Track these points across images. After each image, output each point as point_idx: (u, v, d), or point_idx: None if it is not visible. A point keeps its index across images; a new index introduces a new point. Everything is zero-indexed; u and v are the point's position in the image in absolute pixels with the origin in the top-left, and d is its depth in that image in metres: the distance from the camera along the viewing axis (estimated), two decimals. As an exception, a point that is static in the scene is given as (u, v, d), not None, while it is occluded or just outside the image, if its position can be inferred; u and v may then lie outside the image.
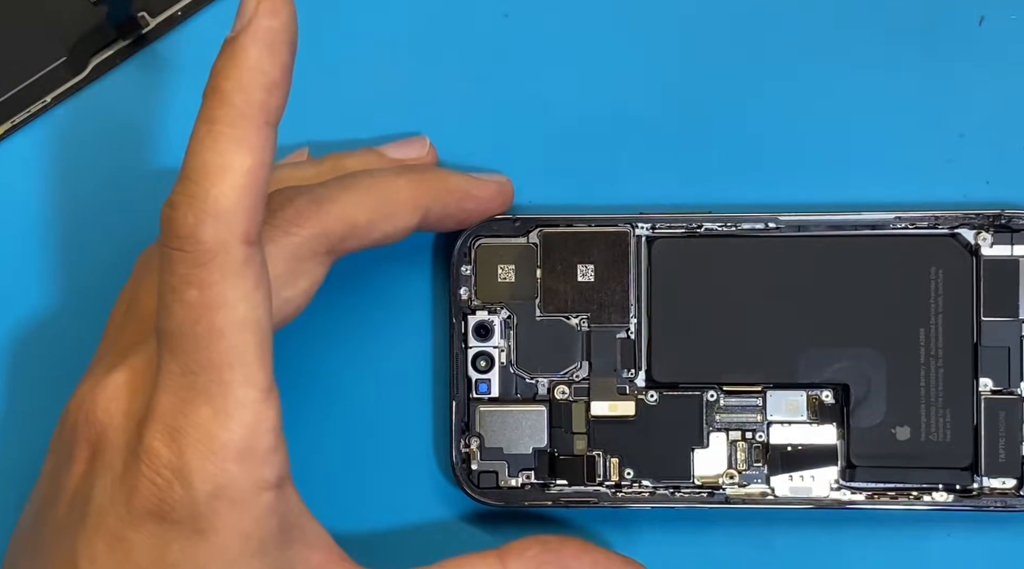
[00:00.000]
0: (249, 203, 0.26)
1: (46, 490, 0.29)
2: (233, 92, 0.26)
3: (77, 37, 0.35)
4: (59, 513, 0.28)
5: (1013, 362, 0.33)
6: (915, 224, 0.34)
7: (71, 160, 0.35)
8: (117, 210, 0.35)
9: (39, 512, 0.29)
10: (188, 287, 0.26)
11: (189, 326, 0.26)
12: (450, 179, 0.33)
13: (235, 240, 0.26)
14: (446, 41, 0.35)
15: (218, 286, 0.26)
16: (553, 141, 0.35)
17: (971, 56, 0.35)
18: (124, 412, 0.27)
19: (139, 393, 0.27)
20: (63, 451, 0.29)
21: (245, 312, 0.26)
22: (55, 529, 0.28)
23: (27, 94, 0.35)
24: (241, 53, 0.26)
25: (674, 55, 0.35)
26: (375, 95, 0.35)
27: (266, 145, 0.26)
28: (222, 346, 0.26)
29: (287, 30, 0.26)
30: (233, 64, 0.26)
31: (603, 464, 0.34)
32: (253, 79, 0.26)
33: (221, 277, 0.26)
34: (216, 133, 0.26)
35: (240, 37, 0.26)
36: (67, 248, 0.35)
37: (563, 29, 0.35)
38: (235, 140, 0.26)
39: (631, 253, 0.34)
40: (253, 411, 0.26)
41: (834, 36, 0.35)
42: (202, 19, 0.35)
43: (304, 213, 0.29)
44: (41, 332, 0.35)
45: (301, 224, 0.29)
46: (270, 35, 0.26)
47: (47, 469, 0.30)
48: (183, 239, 0.25)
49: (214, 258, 0.25)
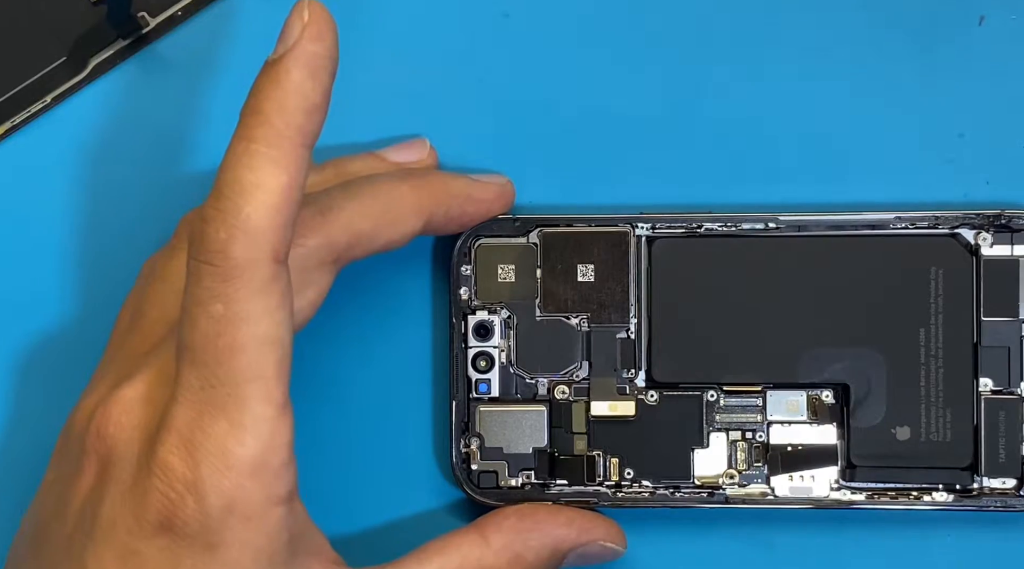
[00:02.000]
0: (280, 222, 0.26)
1: (50, 503, 0.29)
2: (273, 113, 0.26)
3: (77, 37, 0.35)
4: (67, 526, 0.28)
5: (1013, 362, 0.33)
6: (915, 224, 0.34)
7: (71, 160, 0.35)
8: (117, 210, 0.35)
9: (43, 525, 0.29)
10: (214, 301, 0.26)
11: (212, 339, 0.26)
12: (452, 183, 0.33)
13: (264, 258, 0.26)
14: (446, 41, 0.35)
15: (244, 302, 0.26)
16: (553, 141, 0.35)
17: (971, 56, 0.35)
18: (136, 426, 0.27)
19: (152, 406, 0.27)
20: (69, 463, 0.29)
21: (268, 329, 0.26)
22: (62, 543, 0.28)
23: (27, 94, 0.35)
24: (284, 76, 0.26)
25: (674, 55, 0.35)
26: (375, 95, 0.35)
27: (301, 167, 0.26)
28: (243, 361, 0.26)
29: (330, 55, 0.27)
30: (275, 86, 0.26)
31: (603, 464, 0.34)
32: (294, 102, 0.26)
33: (247, 294, 0.26)
34: (253, 151, 0.26)
35: (284, 60, 0.26)
36: (67, 248, 0.35)
37: (563, 29, 0.35)
38: (272, 160, 0.26)
39: (631, 253, 0.34)
40: (269, 426, 0.26)
41: (834, 36, 0.35)
42: (202, 19, 0.35)
43: (309, 224, 0.29)
44: (41, 332, 0.35)
45: (307, 235, 0.29)
46: (314, 60, 0.26)
47: (49, 481, 0.30)
48: (213, 253, 0.26)
49: (242, 274, 0.26)
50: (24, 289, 0.35)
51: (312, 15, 0.26)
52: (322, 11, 0.27)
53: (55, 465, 0.30)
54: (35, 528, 0.29)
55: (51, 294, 0.35)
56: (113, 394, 0.28)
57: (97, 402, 0.28)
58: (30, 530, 0.30)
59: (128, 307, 0.32)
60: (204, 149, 0.35)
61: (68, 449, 0.29)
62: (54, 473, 0.30)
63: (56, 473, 0.30)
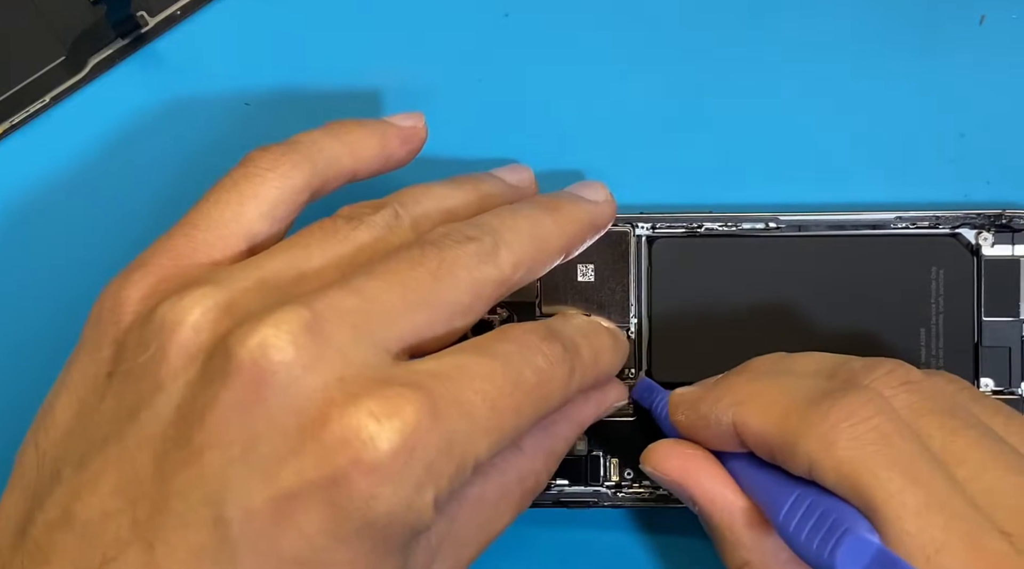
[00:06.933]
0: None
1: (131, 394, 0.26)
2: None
3: (76, 37, 0.35)
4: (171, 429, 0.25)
5: (1014, 362, 0.33)
6: (916, 224, 0.34)
7: (70, 160, 0.35)
8: (116, 210, 0.35)
9: (125, 413, 0.26)
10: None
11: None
12: (580, 213, 0.31)
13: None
14: (446, 41, 0.35)
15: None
16: (553, 141, 0.35)
17: (971, 56, 0.35)
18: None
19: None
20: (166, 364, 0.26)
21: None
22: (158, 446, 0.25)
23: (26, 94, 0.35)
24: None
25: (674, 55, 0.35)
26: (375, 95, 0.35)
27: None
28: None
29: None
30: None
31: (603, 464, 0.34)
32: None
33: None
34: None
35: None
36: (66, 248, 0.35)
37: (563, 29, 0.35)
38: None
39: (631, 253, 0.34)
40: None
41: (834, 36, 0.35)
42: (201, 19, 0.35)
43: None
44: (40, 332, 0.35)
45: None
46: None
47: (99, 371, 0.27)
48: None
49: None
50: (23, 289, 0.35)
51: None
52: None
53: (116, 357, 0.27)
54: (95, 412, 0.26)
55: (50, 294, 0.35)
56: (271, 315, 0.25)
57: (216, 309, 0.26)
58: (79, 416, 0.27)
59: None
60: (204, 149, 0.35)
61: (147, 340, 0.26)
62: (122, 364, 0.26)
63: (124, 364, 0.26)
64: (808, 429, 0.27)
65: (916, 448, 0.26)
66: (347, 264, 0.27)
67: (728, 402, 0.29)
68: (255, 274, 0.27)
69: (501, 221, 0.29)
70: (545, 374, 0.27)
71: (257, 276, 0.27)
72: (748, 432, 0.28)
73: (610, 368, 0.31)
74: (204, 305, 0.26)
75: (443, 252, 0.27)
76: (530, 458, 0.30)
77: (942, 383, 0.29)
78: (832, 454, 0.26)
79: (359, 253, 0.28)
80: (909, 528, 0.25)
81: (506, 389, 0.26)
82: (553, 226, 0.30)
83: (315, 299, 0.25)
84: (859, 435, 0.26)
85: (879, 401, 0.27)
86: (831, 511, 0.26)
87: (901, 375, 0.28)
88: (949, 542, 0.25)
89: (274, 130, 0.34)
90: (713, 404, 0.29)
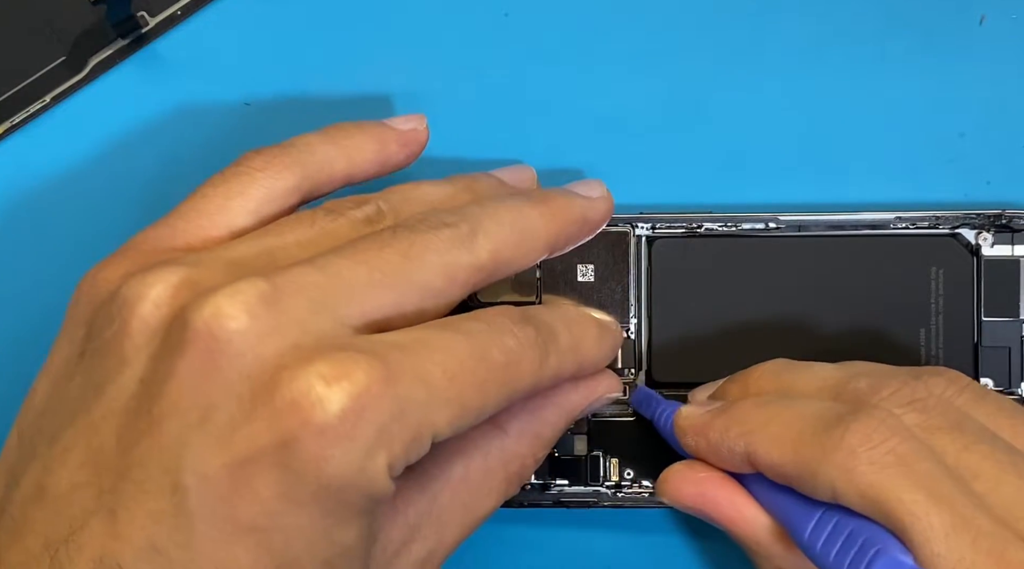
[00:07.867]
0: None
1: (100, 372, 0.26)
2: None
3: (76, 36, 0.35)
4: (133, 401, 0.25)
5: (1014, 362, 0.33)
6: (915, 224, 0.34)
7: (71, 160, 0.35)
8: (117, 209, 0.35)
9: (93, 390, 0.26)
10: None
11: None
12: (571, 207, 0.31)
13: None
14: (446, 41, 0.35)
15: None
16: (553, 141, 0.35)
17: (971, 56, 0.35)
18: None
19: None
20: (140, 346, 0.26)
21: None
22: (124, 419, 0.25)
23: (26, 94, 0.35)
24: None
25: (674, 55, 0.35)
26: (375, 95, 0.35)
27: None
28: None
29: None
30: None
31: (603, 464, 0.34)
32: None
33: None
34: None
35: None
36: (66, 248, 0.35)
37: (563, 29, 0.35)
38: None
39: (631, 253, 0.34)
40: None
41: (834, 36, 0.35)
42: (202, 18, 0.35)
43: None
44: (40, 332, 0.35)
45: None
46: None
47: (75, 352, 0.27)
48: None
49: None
50: (23, 289, 0.35)
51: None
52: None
53: (86, 336, 0.27)
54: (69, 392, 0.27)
55: (50, 294, 0.35)
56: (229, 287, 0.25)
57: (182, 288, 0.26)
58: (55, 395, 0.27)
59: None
60: (203, 149, 0.35)
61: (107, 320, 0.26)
62: (87, 344, 0.27)
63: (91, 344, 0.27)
64: (825, 457, 0.27)
65: (934, 467, 0.26)
66: (317, 248, 0.27)
67: (738, 431, 0.29)
68: (224, 256, 0.27)
69: (483, 209, 0.29)
70: (514, 354, 0.27)
71: (226, 257, 0.27)
72: (762, 463, 0.28)
73: (595, 357, 0.30)
74: (167, 281, 0.26)
75: (415, 235, 0.27)
76: (515, 441, 0.30)
77: (948, 394, 0.29)
78: (853, 481, 0.26)
79: (332, 240, 0.28)
80: (939, 549, 0.25)
81: (468, 364, 0.26)
82: (539, 218, 0.29)
83: (277, 273, 0.25)
84: (877, 459, 0.26)
85: (891, 421, 0.27)
86: (860, 531, 0.26)
87: (907, 394, 0.28)
88: (978, 561, 0.25)
89: (274, 131, 0.34)
90: (723, 433, 0.29)
